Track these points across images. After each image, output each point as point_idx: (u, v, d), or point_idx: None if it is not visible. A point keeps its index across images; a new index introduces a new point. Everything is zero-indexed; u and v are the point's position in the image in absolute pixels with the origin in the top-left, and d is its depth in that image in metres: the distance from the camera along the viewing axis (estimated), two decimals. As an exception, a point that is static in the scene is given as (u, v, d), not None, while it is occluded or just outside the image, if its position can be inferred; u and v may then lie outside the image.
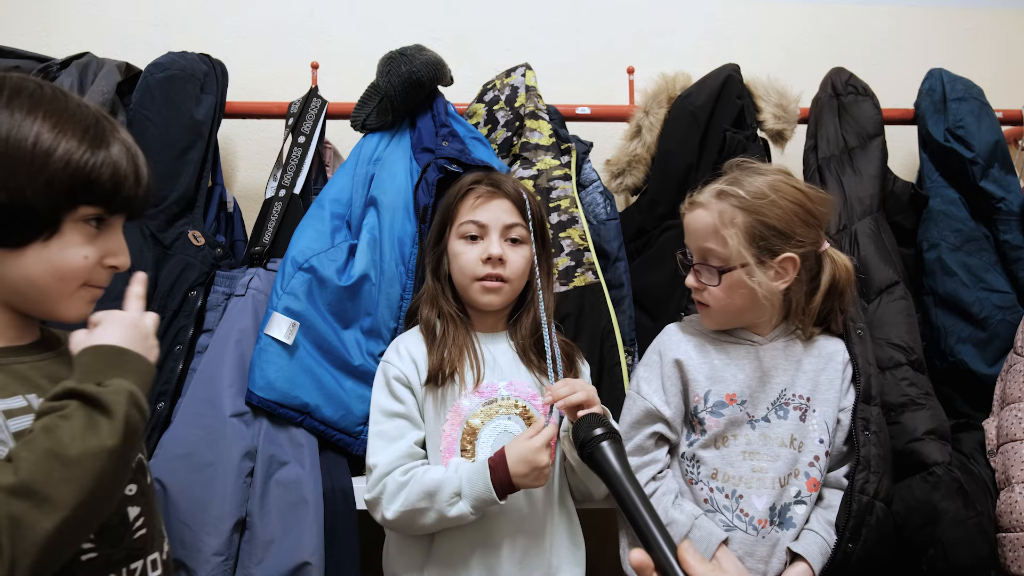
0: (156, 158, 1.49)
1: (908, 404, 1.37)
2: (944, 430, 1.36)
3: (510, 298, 1.28)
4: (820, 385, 1.27)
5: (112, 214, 0.85)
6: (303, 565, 1.24)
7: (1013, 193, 1.63)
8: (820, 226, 1.24)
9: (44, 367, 0.84)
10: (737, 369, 1.26)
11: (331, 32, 2.05)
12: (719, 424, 1.24)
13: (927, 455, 1.31)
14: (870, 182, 1.63)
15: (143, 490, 0.88)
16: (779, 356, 1.27)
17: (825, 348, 1.29)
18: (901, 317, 1.48)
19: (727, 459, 1.23)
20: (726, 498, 1.22)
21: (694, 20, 2.17)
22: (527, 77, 1.69)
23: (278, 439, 1.33)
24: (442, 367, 1.22)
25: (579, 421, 0.93)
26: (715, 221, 1.21)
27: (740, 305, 1.23)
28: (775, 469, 1.22)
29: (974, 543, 1.26)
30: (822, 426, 1.24)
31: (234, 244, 1.70)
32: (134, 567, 0.84)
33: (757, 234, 1.19)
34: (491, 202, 1.27)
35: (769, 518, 1.21)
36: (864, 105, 1.72)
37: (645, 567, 0.72)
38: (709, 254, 1.23)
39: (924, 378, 1.43)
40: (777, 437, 1.23)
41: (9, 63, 1.59)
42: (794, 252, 1.19)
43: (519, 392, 1.24)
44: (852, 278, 1.27)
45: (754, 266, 1.18)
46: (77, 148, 0.79)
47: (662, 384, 1.28)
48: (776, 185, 1.21)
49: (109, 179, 0.82)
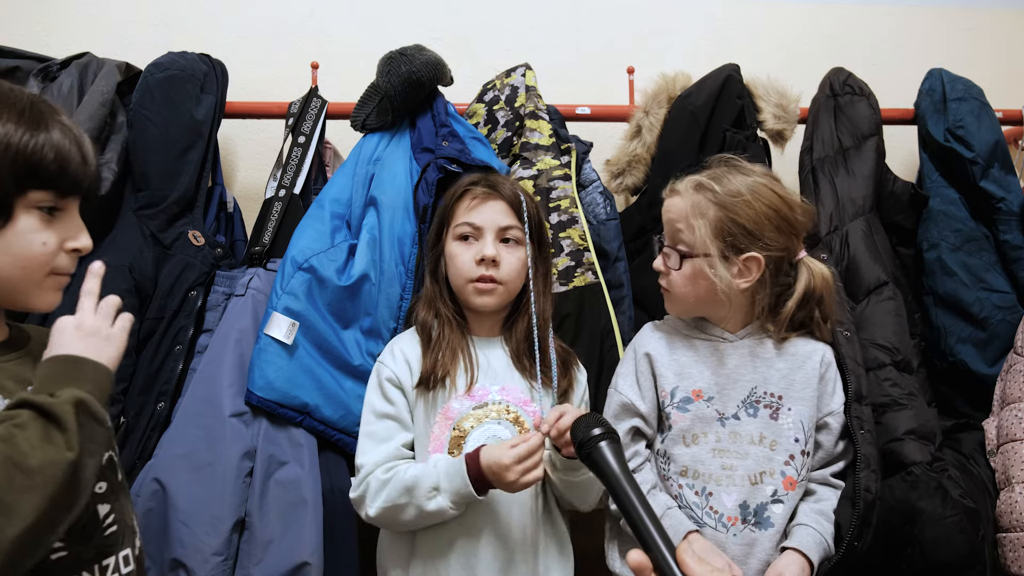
0: (156, 158, 1.50)
1: (890, 404, 1.37)
2: (926, 430, 1.35)
3: (505, 300, 1.28)
4: (794, 384, 1.26)
5: (63, 197, 0.86)
6: (302, 565, 1.24)
7: (1013, 193, 1.63)
8: (795, 234, 1.25)
9: (10, 368, 0.85)
10: (704, 366, 1.28)
11: (331, 32, 2.05)
12: (685, 419, 1.25)
13: (906, 455, 1.31)
14: (863, 183, 1.63)
15: (113, 487, 0.88)
16: (747, 355, 1.27)
17: (801, 349, 1.29)
18: (889, 318, 1.48)
19: (697, 456, 1.24)
20: (696, 495, 1.23)
21: (694, 20, 2.17)
22: (527, 77, 1.69)
23: (277, 439, 1.33)
24: (434, 371, 1.21)
25: (577, 421, 0.92)
26: (687, 209, 1.24)
27: (699, 296, 1.25)
28: (744, 467, 1.22)
29: (952, 542, 1.26)
30: (797, 425, 1.24)
31: (234, 244, 1.70)
32: (106, 564, 0.85)
33: (725, 229, 1.21)
34: (486, 203, 1.27)
35: (741, 516, 1.21)
36: (860, 105, 1.71)
37: (643, 567, 0.72)
38: (678, 239, 1.26)
39: (909, 378, 1.43)
40: (746, 435, 1.24)
41: (9, 63, 1.59)
42: (760, 253, 1.20)
43: (511, 397, 1.24)
44: (830, 287, 1.28)
45: (716, 258, 1.20)
46: (15, 131, 0.80)
47: (636, 379, 1.30)
48: (754, 187, 1.23)
49: (54, 161, 0.82)
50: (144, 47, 1.72)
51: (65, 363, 0.81)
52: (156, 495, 1.26)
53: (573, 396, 1.29)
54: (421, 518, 1.13)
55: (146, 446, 1.34)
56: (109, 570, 0.85)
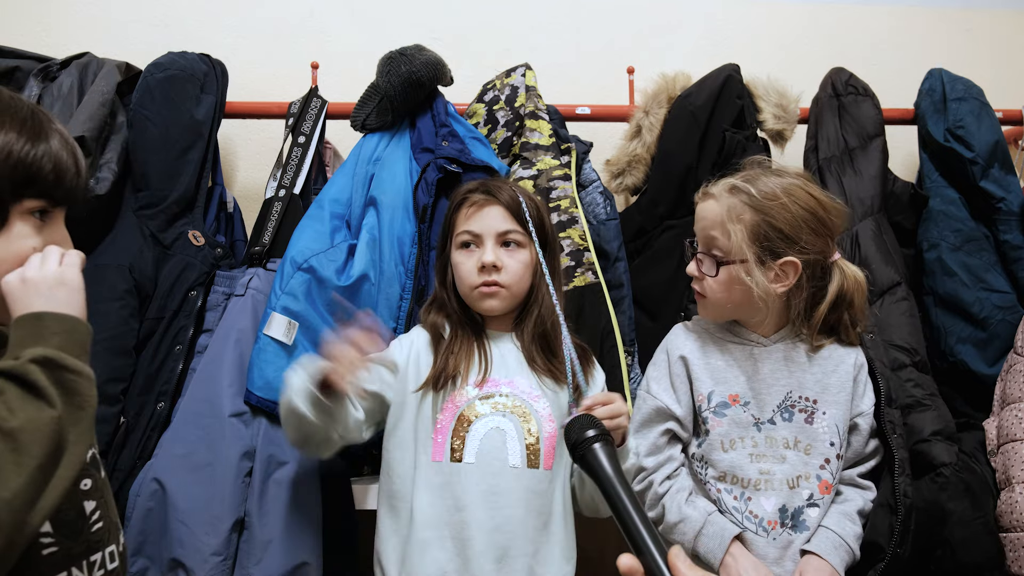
0: (156, 158, 1.50)
1: (914, 405, 1.37)
2: (950, 431, 1.36)
3: (511, 302, 1.28)
4: (829, 388, 1.25)
5: (55, 206, 0.86)
6: (302, 565, 1.24)
7: (1013, 193, 1.63)
8: (831, 236, 1.23)
9: None
10: (739, 370, 1.26)
11: (331, 32, 2.05)
12: (723, 424, 1.24)
13: (935, 456, 1.31)
14: (871, 183, 1.63)
15: (97, 485, 0.88)
16: (781, 359, 1.26)
17: (834, 353, 1.28)
18: (904, 318, 1.48)
19: (735, 462, 1.23)
20: (735, 500, 1.22)
21: (694, 20, 2.17)
22: (527, 77, 1.69)
23: (277, 439, 1.33)
24: (445, 369, 1.21)
25: (571, 422, 0.90)
26: (722, 213, 1.21)
27: (736, 301, 1.23)
28: (782, 471, 1.22)
29: (981, 543, 1.26)
30: (832, 429, 1.23)
31: (234, 244, 1.70)
32: (94, 559, 0.85)
33: (762, 233, 1.19)
34: (483, 210, 1.27)
35: (780, 520, 1.20)
36: (864, 105, 1.72)
37: (635, 572, 0.71)
38: (712, 244, 1.24)
39: (928, 378, 1.43)
40: (781, 439, 1.23)
41: (9, 63, 1.59)
42: (797, 257, 1.19)
43: (519, 391, 1.24)
44: (863, 289, 1.26)
45: (753, 264, 1.18)
46: (16, 141, 0.80)
47: (671, 382, 1.29)
48: (790, 189, 1.21)
49: (51, 171, 0.83)
50: (144, 47, 1.72)
51: (23, 323, 0.78)
52: (156, 495, 1.26)
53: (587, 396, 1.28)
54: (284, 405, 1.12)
55: (146, 446, 1.33)
56: (96, 566, 0.85)
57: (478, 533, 1.15)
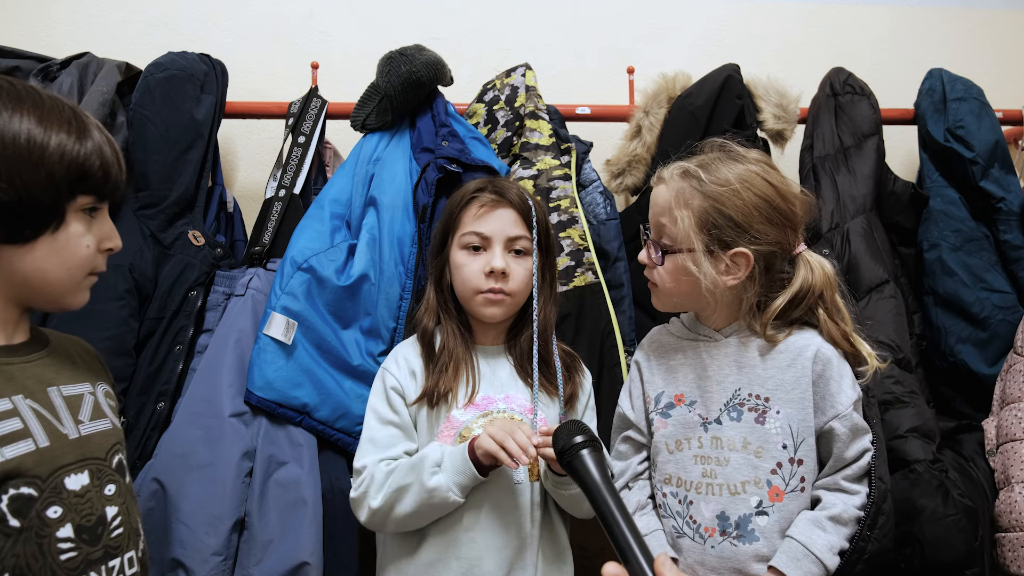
0: (156, 158, 1.50)
1: (893, 402, 1.36)
2: (928, 428, 1.35)
3: (512, 311, 1.25)
4: (783, 385, 1.12)
5: (102, 201, 0.89)
6: (302, 565, 1.24)
7: (1013, 193, 1.63)
8: (792, 227, 1.14)
9: (31, 369, 0.86)
10: (689, 368, 1.19)
11: (331, 32, 2.05)
12: (667, 425, 1.18)
13: (908, 452, 1.31)
14: (864, 181, 1.63)
15: (121, 491, 0.89)
16: (731, 354, 1.16)
17: (792, 345, 1.14)
18: (890, 316, 1.48)
19: (681, 464, 1.15)
20: (679, 503, 1.15)
21: (694, 20, 2.17)
22: (527, 77, 1.69)
23: (277, 439, 1.33)
24: (437, 387, 1.19)
25: (559, 428, 0.89)
26: (671, 199, 1.14)
27: (684, 291, 1.16)
28: (724, 475, 1.11)
29: (951, 541, 1.25)
30: (785, 430, 1.11)
31: (234, 244, 1.70)
32: (112, 564, 0.86)
33: (710, 221, 1.10)
34: (495, 211, 1.23)
35: (720, 527, 1.10)
36: (860, 105, 1.72)
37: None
38: (662, 231, 1.16)
39: (911, 377, 1.43)
40: (728, 440, 1.12)
41: (9, 63, 1.59)
42: (748, 248, 1.10)
43: (515, 406, 1.22)
44: (832, 283, 1.15)
45: (700, 253, 1.10)
46: (67, 140, 0.83)
47: (629, 388, 1.26)
48: (746, 176, 1.12)
49: (99, 168, 0.86)
50: (144, 47, 1.72)
51: None
52: (156, 495, 1.26)
53: (578, 403, 1.27)
54: (422, 503, 1.10)
55: (146, 446, 1.34)
56: (115, 571, 0.86)
57: (487, 552, 1.14)
